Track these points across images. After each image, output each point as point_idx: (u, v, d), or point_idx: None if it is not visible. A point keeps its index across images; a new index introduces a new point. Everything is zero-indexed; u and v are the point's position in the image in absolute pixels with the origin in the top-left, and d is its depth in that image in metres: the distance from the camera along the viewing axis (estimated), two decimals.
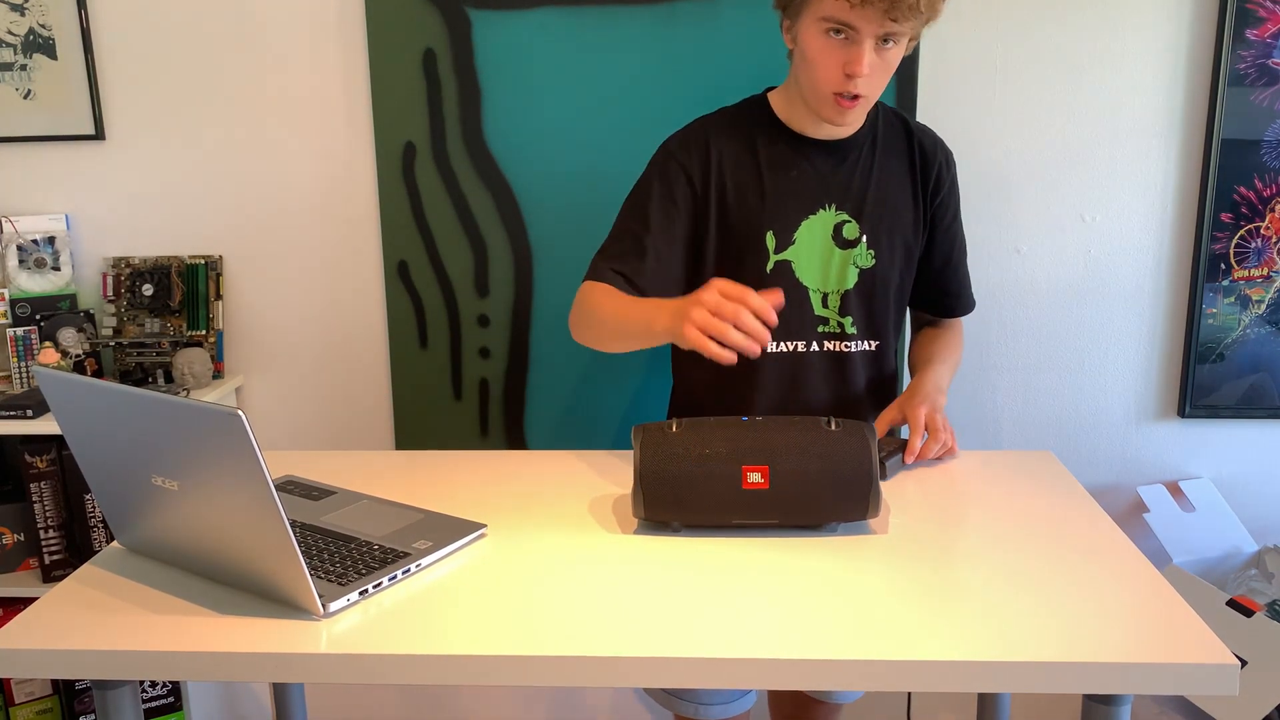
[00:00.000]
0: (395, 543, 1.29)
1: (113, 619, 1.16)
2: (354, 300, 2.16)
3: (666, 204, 1.57)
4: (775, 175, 1.57)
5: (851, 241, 1.58)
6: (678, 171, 1.57)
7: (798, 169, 1.57)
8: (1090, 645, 1.05)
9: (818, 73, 1.46)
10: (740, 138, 1.58)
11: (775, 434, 1.32)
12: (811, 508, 1.31)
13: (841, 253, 1.58)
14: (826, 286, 1.59)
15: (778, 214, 1.56)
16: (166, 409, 1.10)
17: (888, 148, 1.61)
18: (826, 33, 1.42)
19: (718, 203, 1.57)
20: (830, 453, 1.30)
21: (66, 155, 2.12)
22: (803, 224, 1.57)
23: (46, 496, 2.01)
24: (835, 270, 1.59)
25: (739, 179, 1.57)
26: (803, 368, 1.61)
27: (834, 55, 1.43)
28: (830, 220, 1.58)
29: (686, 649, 1.07)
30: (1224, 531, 2.06)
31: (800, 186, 1.57)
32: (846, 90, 1.45)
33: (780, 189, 1.56)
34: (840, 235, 1.58)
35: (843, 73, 1.43)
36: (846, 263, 1.59)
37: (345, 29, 2.03)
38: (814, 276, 1.59)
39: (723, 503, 1.31)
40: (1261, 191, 1.97)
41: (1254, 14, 1.89)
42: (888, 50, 1.44)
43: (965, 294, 1.75)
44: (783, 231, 1.56)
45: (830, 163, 1.57)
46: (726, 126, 1.59)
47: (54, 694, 2.16)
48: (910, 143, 1.62)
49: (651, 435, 1.33)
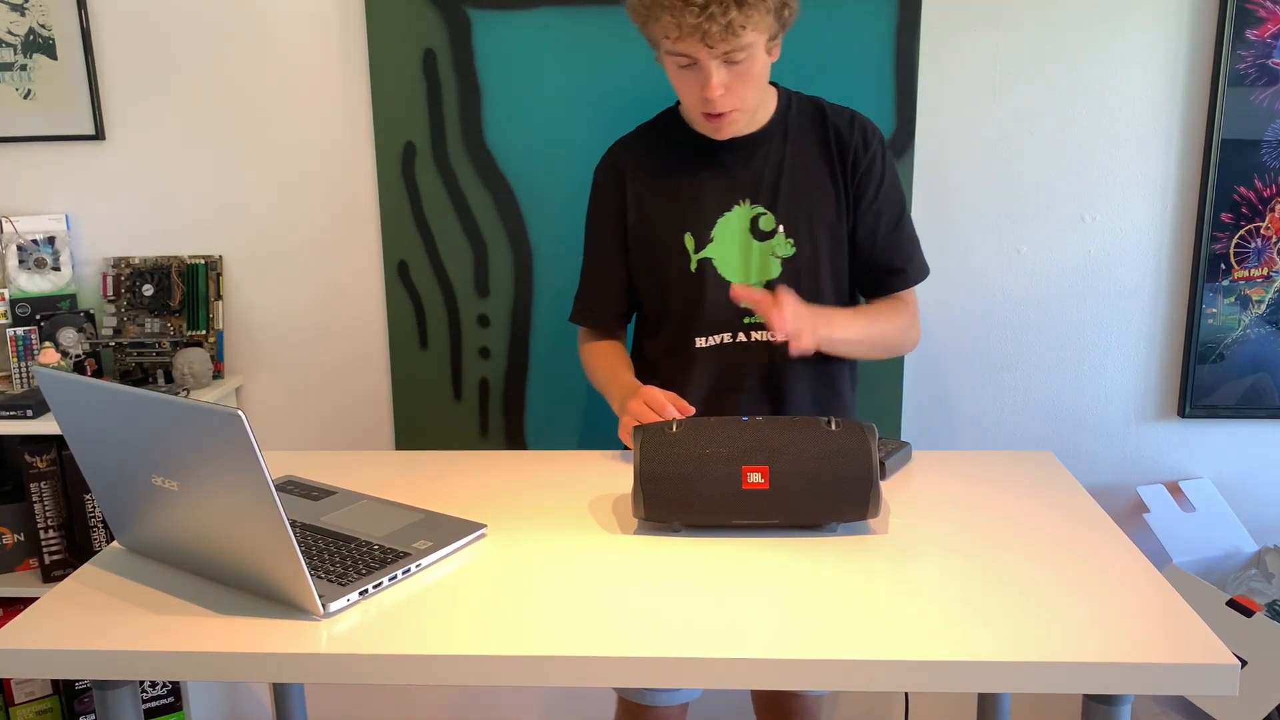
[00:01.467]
0: (395, 543, 1.29)
1: (113, 619, 1.16)
2: (354, 300, 2.16)
3: (604, 229, 1.70)
4: (686, 179, 1.64)
5: (769, 233, 1.62)
6: (602, 197, 1.70)
7: (708, 170, 1.63)
8: (1090, 645, 1.05)
9: (684, 98, 1.55)
10: (650, 149, 1.67)
11: (775, 434, 1.32)
12: (811, 508, 1.31)
13: (759, 245, 1.63)
14: (748, 279, 1.64)
15: (692, 215, 1.63)
16: (166, 409, 1.10)
17: (801, 136, 1.64)
18: (675, 65, 1.50)
19: (638, 214, 1.66)
20: (830, 453, 1.30)
21: (66, 155, 2.12)
22: (719, 221, 1.62)
23: (46, 496, 2.01)
24: (756, 263, 1.63)
25: (652, 188, 1.65)
26: (734, 359, 1.66)
27: (689, 83, 1.51)
28: (746, 215, 1.62)
29: (686, 649, 1.07)
30: (1224, 531, 2.06)
31: (712, 186, 1.63)
32: (711, 110, 1.52)
33: (692, 191, 1.63)
34: (757, 228, 1.62)
35: (700, 96, 1.50)
36: (767, 254, 1.63)
37: (345, 29, 2.03)
38: (735, 271, 1.63)
39: (723, 503, 1.31)
40: (1261, 191, 1.97)
41: (1254, 14, 1.89)
42: (739, 65, 1.48)
43: (908, 267, 1.70)
44: (700, 231, 1.63)
45: (740, 159, 1.62)
46: (637, 141, 1.70)
47: (54, 694, 2.16)
48: (825, 127, 1.65)
49: (651, 435, 1.33)
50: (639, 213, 1.66)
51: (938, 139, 2.01)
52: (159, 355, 2.11)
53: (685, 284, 1.64)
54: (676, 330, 1.67)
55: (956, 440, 2.14)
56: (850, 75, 1.97)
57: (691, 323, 1.65)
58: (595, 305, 1.73)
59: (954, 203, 2.04)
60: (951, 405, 2.13)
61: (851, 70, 1.97)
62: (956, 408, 2.13)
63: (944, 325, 2.09)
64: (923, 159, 2.01)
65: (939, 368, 2.11)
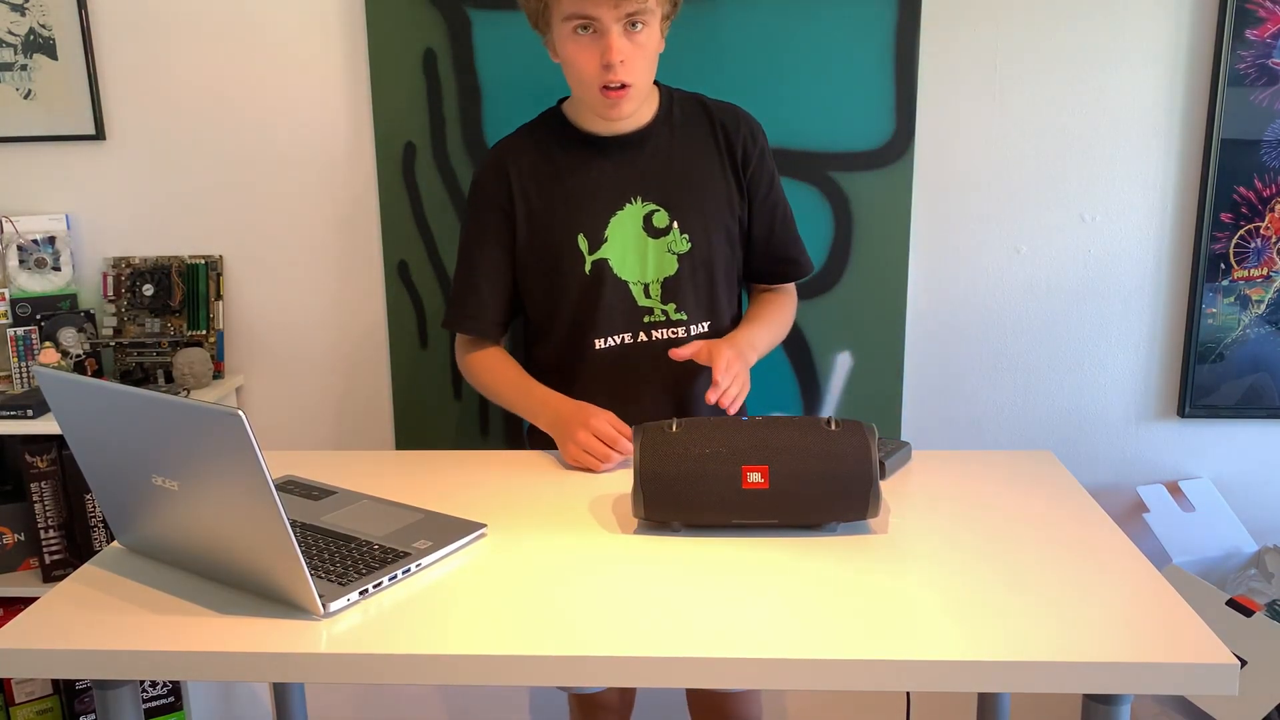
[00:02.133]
0: (395, 543, 1.29)
1: (113, 619, 1.16)
2: (354, 300, 2.16)
3: (486, 237, 1.66)
4: (575, 179, 1.62)
5: (663, 229, 1.62)
6: (485, 201, 1.66)
7: (596, 168, 1.62)
8: (1090, 645, 1.05)
9: (578, 72, 1.53)
10: (536, 150, 1.65)
11: (775, 434, 1.32)
12: (811, 508, 1.31)
13: (655, 242, 1.63)
14: (645, 277, 1.64)
15: (584, 215, 1.62)
16: (166, 409, 1.10)
17: (687, 131, 1.64)
18: (574, 31, 1.50)
19: (526, 218, 1.64)
20: (830, 452, 1.30)
21: (66, 155, 2.12)
22: (612, 220, 1.62)
23: (46, 496, 2.01)
24: (652, 260, 1.63)
25: (541, 190, 1.63)
26: (633, 359, 1.66)
27: (587, 51, 1.50)
28: (639, 212, 1.62)
29: (686, 649, 1.07)
30: (1224, 531, 2.06)
31: (602, 185, 1.62)
32: (609, 81, 1.50)
33: (582, 191, 1.62)
34: (651, 225, 1.62)
35: (600, 65, 1.49)
36: (662, 250, 1.63)
37: (345, 29, 2.03)
38: (631, 270, 1.63)
39: (723, 503, 1.30)
40: (1261, 191, 1.97)
41: (1254, 14, 1.89)
42: (638, 34, 1.50)
43: (799, 259, 1.75)
44: (593, 231, 1.62)
45: (628, 156, 1.62)
46: (521, 143, 1.68)
47: (54, 694, 2.16)
48: (711, 122, 1.65)
49: (651, 435, 1.33)
50: (527, 215, 1.64)
51: (938, 139, 2.01)
52: (159, 355, 2.11)
53: (580, 286, 1.63)
54: (571, 334, 1.66)
55: (956, 440, 2.14)
56: (850, 75, 1.97)
57: (588, 325, 1.64)
58: (478, 312, 1.68)
59: (954, 203, 2.04)
60: (951, 405, 2.13)
61: (851, 70, 1.97)
62: (956, 408, 2.13)
63: (944, 325, 2.09)
64: (923, 159, 2.01)
65: (939, 368, 2.11)
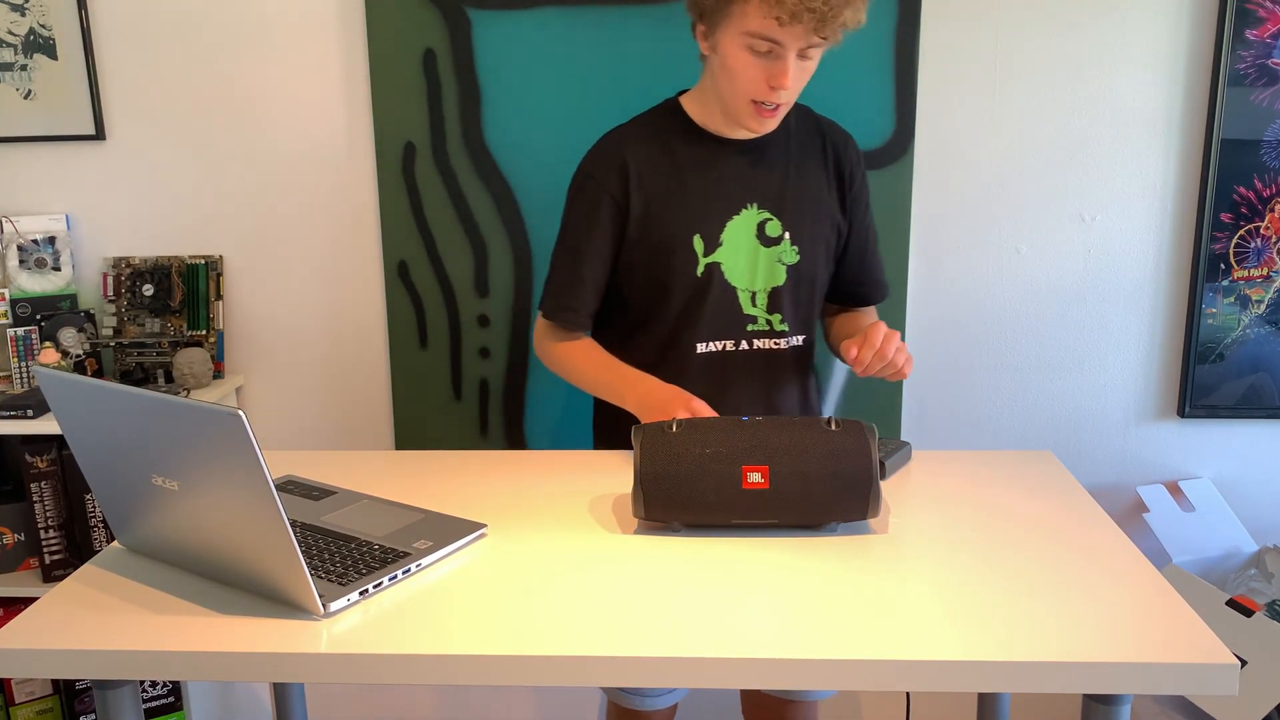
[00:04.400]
0: (395, 543, 1.29)
1: (113, 619, 1.16)
2: (354, 300, 2.16)
3: (595, 228, 1.61)
4: (696, 178, 1.59)
5: (775, 239, 1.61)
6: (597, 192, 1.60)
7: (718, 170, 1.59)
8: (1090, 645, 1.05)
9: (739, 85, 1.48)
10: (656, 144, 1.61)
11: (775, 434, 1.32)
12: (811, 508, 1.31)
13: (766, 250, 1.61)
14: (754, 285, 1.61)
15: (703, 216, 1.59)
16: (166, 409, 1.10)
17: (802, 144, 1.63)
18: (749, 47, 1.45)
19: (642, 213, 1.59)
20: (830, 453, 1.30)
21: (66, 155, 2.12)
22: (728, 225, 1.59)
23: (46, 496, 2.01)
24: (762, 269, 1.61)
25: (660, 186, 1.59)
26: (731, 366, 1.64)
27: (756, 69, 1.46)
28: (754, 219, 1.60)
29: (686, 649, 1.07)
30: (1224, 531, 2.06)
31: (722, 188, 1.59)
32: (768, 100, 1.48)
33: (703, 191, 1.59)
34: (764, 233, 1.60)
35: (766, 85, 1.46)
36: (772, 260, 1.61)
37: (345, 29, 2.03)
38: (742, 276, 1.61)
39: (723, 503, 1.30)
40: (1261, 191, 1.97)
41: (1254, 14, 1.89)
42: (808, 60, 1.48)
43: (882, 281, 1.76)
44: (710, 233, 1.59)
45: (748, 162, 1.60)
46: (638, 134, 1.62)
47: (54, 694, 2.16)
48: (822, 137, 1.65)
49: (651, 435, 1.33)
50: (643, 208, 1.60)
51: (938, 139, 2.01)
52: (159, 355, 2.11)
53: (689, 287, 1.60)
54: (671, 335, 1.63)
55: (956, 440, 2.14)
56: (850, 75, 1.97)
57: (692, 328, 1.62)
58: (578, 305, 1.64)
59: (954, 203, 2.04)
60: (951, 405, 2.13)
61: (851, 70, 1.97)
62: (956, 408, 2.13)
63: (944, 325, 2.09)
64: (923, 159, 2.01)
65: (939, 368, 2.11)
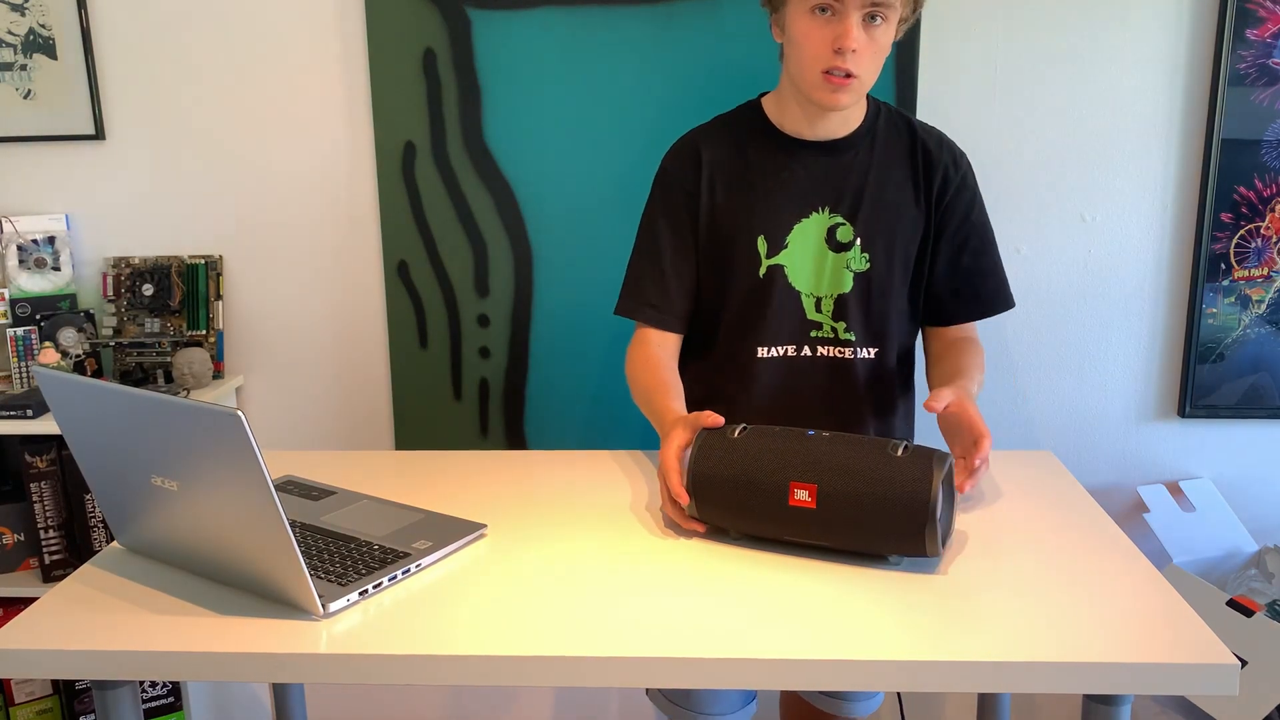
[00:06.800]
0: (395, 543, 1.29)
1: (113, 619, 1.16)
2: (354, 300, 2.16)
3: (673, 220, 1.59)
4: (765, 178, 1.56)
5: (845, 245, 1.56)
6: (673, 184, 1.59)
7: (788, 171, 1.56)
8: (1090, 645, 1.05)
9: (806, 53, 1.45)
10: (730, 143, 1.58)
11: (831, 451, 1.24)
12: (863, 535, 1.22)
13: (834, 256, 1.56)
14: (820, 291, 1.57)
15: (768, 218, 1.55)
16: (166, 409, 1.10)
17: (888, 148, 1.58)
18: (812, 12, 1.43)
19: (708, 209, 1.57)
20: (885, 478, 1.20)
21: (66, 155, 2.12)
22: (795, 228, 1.56)
23: (46, 496, 2.01)
24: (829, 274, 1.57)
25: (728, 184, 1.56)
26: (796, 373, 1.59)
27: (822, 32, 1.43)
28: (824, 223, 1.56)
29: (686, 649, 1.07)
30: (1224, 531, 2.06)
31: (791, 189, 1.55)
32: (837, 67, 1.43)
33: (770, 192, 1.55)
34: (834, 238, 1.56)
35: (831, 49, 1.42)
36: (840, 266, 1.56)
37: (345, 29, 2.03)
38: (806, 281, 1.57)
39: (770, 517, 1.25)
40: (1261, 191, 1.97)
41: (1254, 14, 1.89)
42: (876, 28, 1.44)
43: (982, 297, 1.64)
44: (774, 236, 1.55)
45: (823, 164, 1.55)
46: (717, 133, 1.60)
47: (54, 694, 2.16)
48: (914, 144, 1.58)
49: (711, 437, 1.30)
50: (710, 207, 1.57)
51: None
52: (159, 355, 2.11)
53: (751, 289, 1.56)
54: (733, 339, 1.59)
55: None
56: None
57: (754, 331, 1.57)
58: (659, 300, 1.58)
59: None
60: None
61: None
62: None
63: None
64: None
65: None
